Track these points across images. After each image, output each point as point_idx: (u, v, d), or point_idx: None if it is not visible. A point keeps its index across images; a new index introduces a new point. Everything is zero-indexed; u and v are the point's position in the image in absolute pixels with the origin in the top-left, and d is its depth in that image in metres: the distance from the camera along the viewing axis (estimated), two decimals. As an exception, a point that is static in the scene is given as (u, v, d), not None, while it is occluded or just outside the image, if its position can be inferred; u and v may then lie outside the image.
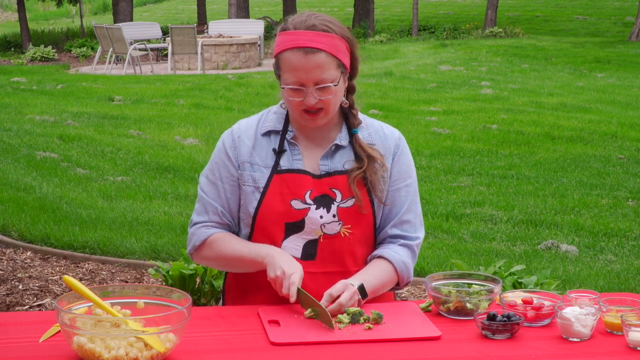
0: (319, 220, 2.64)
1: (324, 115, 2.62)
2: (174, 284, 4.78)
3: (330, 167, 2.67)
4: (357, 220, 2.67)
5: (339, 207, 2.65)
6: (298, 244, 2.65)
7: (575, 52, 20.37)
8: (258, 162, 2.67)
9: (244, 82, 15.84)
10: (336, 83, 2.59)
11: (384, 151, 2.73)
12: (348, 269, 2.68)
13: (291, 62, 2.56)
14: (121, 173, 8.58)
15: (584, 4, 35.77)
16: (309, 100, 2.57)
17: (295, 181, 2.64)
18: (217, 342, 2.30)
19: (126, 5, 25.06)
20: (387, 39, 24.86)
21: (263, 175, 2.66)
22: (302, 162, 2.67)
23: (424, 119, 11.90)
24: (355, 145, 2.69)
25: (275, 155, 2.67)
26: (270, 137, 2.70)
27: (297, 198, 2.64)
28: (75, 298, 2.27)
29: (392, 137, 2.76)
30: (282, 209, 2.63)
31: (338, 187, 2.65)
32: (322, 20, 2.60)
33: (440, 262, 5.82)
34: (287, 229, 2.64)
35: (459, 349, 2.29)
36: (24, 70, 18.60)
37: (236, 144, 2.70)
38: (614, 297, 2.53)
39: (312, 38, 2.56)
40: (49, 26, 32.08)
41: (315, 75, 2.55)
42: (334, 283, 2.55)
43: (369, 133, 2.74)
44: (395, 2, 39.26)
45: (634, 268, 5.89)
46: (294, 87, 2.58)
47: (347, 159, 2.69)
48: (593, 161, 9.28)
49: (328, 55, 2.56)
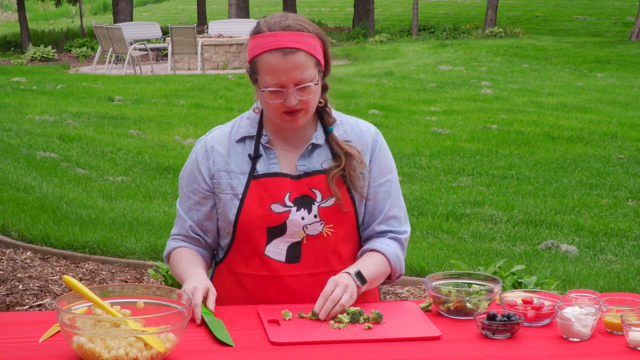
0: (301, 222, 2.62)
1: (303, 115, 2.59)
2: (173, 284, 4.77)
3: (309, 167, 2.65)
4: (338, 219, 2.65)
5: (319, 207, 2.63)
6: (281, 248, 2.63)
7: (575, 52, 20.37)
8: (234, 169, 2.65)
9: (244, 82, 15.84)
10: (316, 82, 2.57)
11: (361, 147, 2.70)
12: (334, 268, 2.66)
13: (270, 64, 2.53)
14: (121, 173, 8.58)
15: (584, 4, 35.76)
16: (290, 102, 2.54)
17: (273, 185, 2.62)
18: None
19: (126, 5, 25.06)
20: (387, 39, 24.86)
21: (240, 182, 2.63)
22: (279, 166, 2.65)
23: (424, 119, 11.90)
24: (332, 143, 2.67)
25: (251, 161, 2.65)
26: (245, 143, 2.67)
27: (277, 201, 2.61)
28: (75, 298, 2.27)
29: (368, 133, 2.73)
30: (262, 213, 2.61)
31: (317, 187, 2.63)
32: (296, 20, 2.58)
33: (440, 262, 5.82)
34: (270, 234, 2.62)
35: (459, 349, 2.29)
36: (24, 70, 18.60)
37: (209, 155, 2.67)
38: (614, 297, 2.53)
39: (290, 38, 2.53)
40: (49, 26, 32.08)
41: (295, 75, 2.52)
42: (320, 284, 2.53)
43: (345, 130, 2.71)
44: (395, 2, 39.25)
45: (634, 268, 5.89)
46: (274, 89, 2.54)
47: (324, 157, 2.66)
48: (593, 161, 9.28)
49: (307, 55, 2.54)
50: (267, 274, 2.64)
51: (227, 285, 2.70)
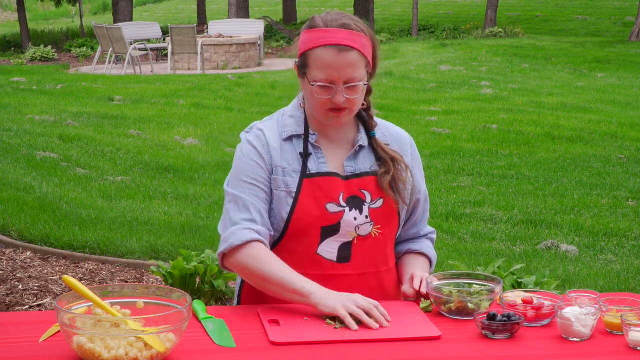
0: (354, 222, 2.64)
1: (348, 114, 2.61)
2: (174, 284, 4.78)
3: (356, 168, 2.68)
4: (387, 220, 2.69)
5: (370, 208, 2.66)
6: (333, 247, 2.64)
7: (575, 52, 20.37)
8: (287, 167, 2.64)
9: (244, 82, 15.85)
10: (365, 82, 2.60)
11: (401, 152, 2.74)
12: (379, 269, 2.71)
13: (323, 59, 2.55)
14: (121, 173, 8.58)
15: (584, 4, 35.77)
16: (338, 99, 2.56)
17: (327, 184, 2.63)
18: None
19: (126, 5, 25.06)
20: (387, 39, 24.86)
21: (294, 180, 2.63)
22: (327, 165, 2.66)
23: (424, 119, 11.91)
24: (376, 147, 2.70)
25: (301, 159, 2.65)
26: (292, 142, 2.67)
27: (332, 201, 2.62)
28: (75, 298, 2.26)
29: (406, 139, 2.79)
30: (317, 213, 2.61)
31: (367, 188, 2.66)
32: (352, 20, 2.62)
33: (440, 262, 5.82)
34: (323, 233, 2.63)
35: (459, 349, 2.29)
36: (24, 70, 18.60)
37: (267, 149, 2.64)
38: (614, 297, 2.53)
39: (346, 37, 2.56)
40: (48, 26, 32.08)
41: (346, 73, 2.55)
42: (367, 284, 2.63)
43: (382, 133, 2.75)
44: (395, 2, 39.26)
45: (634, 268, 5.89)
46: (323, 84, 2.56)
47: (369, 159, 2.69)
48: (593, 161, 9.29)
49: (359, 55, 2.57)
50: (317, 273, 2.62)
51: (267, 297, 2.63)
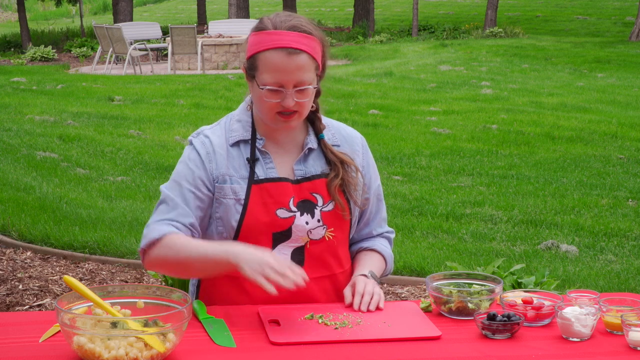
0: (306, 227, 2.61)
1: (297, 118, 2.57)
2: (173, 284, 4.77)
3: (306, 171, 2.64)
4: (338, 223, 2.67)
5: (322, 211, 2.63)
6: (285, 253, 2.62)
7: (575, 52, 20.37)
8: (234, 174, 2.60)
9: (244, 82, 15.63)
10: (314, 85, 2.56)
11: (351, 152, 2.71)
12: (333, 271, 2.69)
13: (273, 63, 2.50)
14: (121, 173, 8.58)
15: (584, 4, 35.75)
16: (288, 102, 2.52)
17: (276, 189, 2.59)
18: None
19: (126, 5, 25.07)
20: (387, 39, 24.86)
21: (242, 187, 2.58)
22: (276, 170, 2.62)
23: (424, 119, 11.90)
24: (325, 150, 2.67)
25: (249, 165, 2.61)
26: (239, 147, 2.63)
27: (282, 207, 2.59)
28: (75, 298, 2.26)
29: (356, 138, 2.76)
30: (267, 219, 2.58)
31: (318, 191, 2.63)
32: (302, 21, 2.56)
33: (440, 262, 5.82)
34: (275, 239, 2.60)
35: (459, 349, 2.29)
36: (24, 70, 18.60)
37: (211, 157, 2.61)
38: (614, 297, 2.53)
39: (295, 39, 2.51)
40: (49, 26, 32.09)
41: (296, 76, 2.50)
42: (322, 288, 2.63)
43: (333, 134, 2.72)
44: (395, 2, 39.25)
45: (634, 268, 5.89)
46: (273, 87, 2.51)
47: (319, 162, 2.66)
48: (593, 161, 9.28)
49: (309, 57, 2.52)
50: None
51: (225, 289, 2.66)
